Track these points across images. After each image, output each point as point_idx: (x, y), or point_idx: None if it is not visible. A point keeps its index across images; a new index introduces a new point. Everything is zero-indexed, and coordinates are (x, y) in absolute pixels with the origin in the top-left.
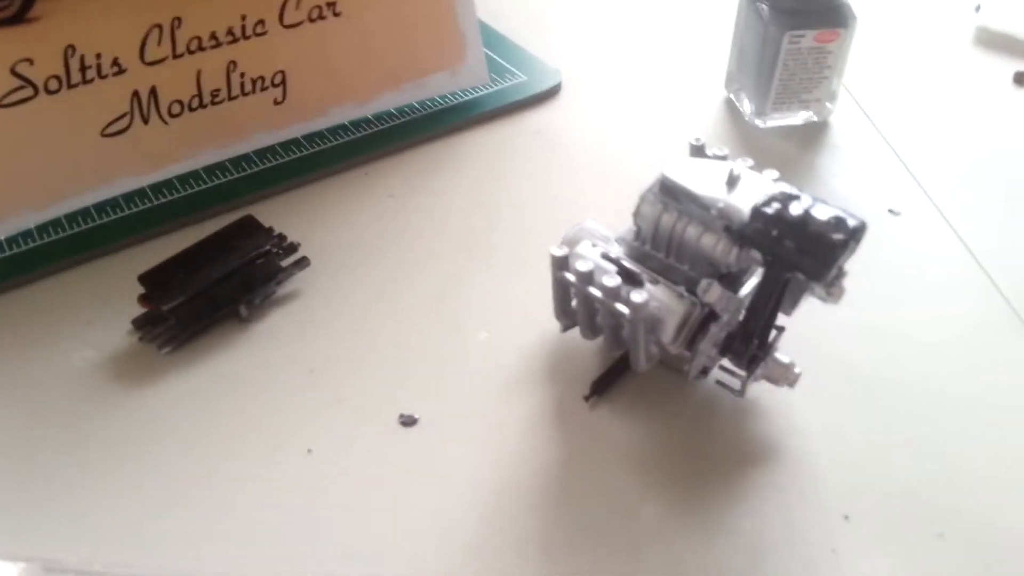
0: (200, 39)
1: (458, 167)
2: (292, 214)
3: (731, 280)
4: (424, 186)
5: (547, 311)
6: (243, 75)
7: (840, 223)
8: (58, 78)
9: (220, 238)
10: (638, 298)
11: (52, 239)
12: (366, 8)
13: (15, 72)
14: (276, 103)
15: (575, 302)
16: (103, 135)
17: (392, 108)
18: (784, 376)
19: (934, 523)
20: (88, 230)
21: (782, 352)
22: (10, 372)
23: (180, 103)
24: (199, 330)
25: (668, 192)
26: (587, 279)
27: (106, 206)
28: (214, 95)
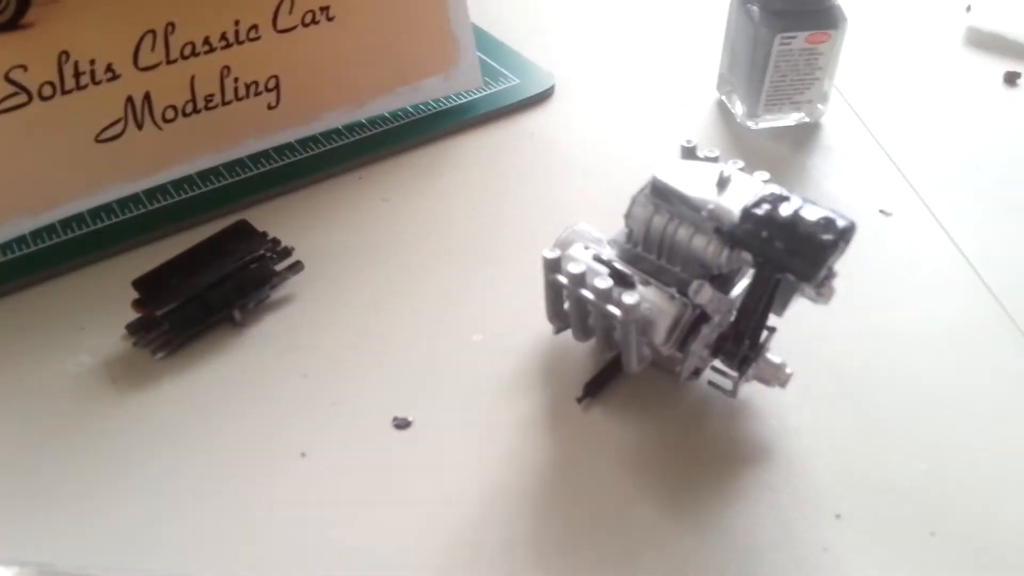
0: (193, 44)
1: (452, 171)
2: (286, 218)
3: (722, 281)
4: (418, 190)
5: (540, 313)
6: (237, 80)
7: (829, 224)
8: (52, 84)
9: (214, 243)
10: (630, 300)
11: (46, 245)
12: (359, 12)
13: (9, 78)
14: (270, 108)
15: (567, 304)
16: (97, 141)
17: (386, 112)
18: (776, 376)
19: (926, 521)
20: (82, 236)
21: (773, 353)
22: (4, 378)
23: (174, 108)
24: (193, 335)
25: (659, 194)
26: (579, 281)
27: (100, 212)
28: (208, 100)
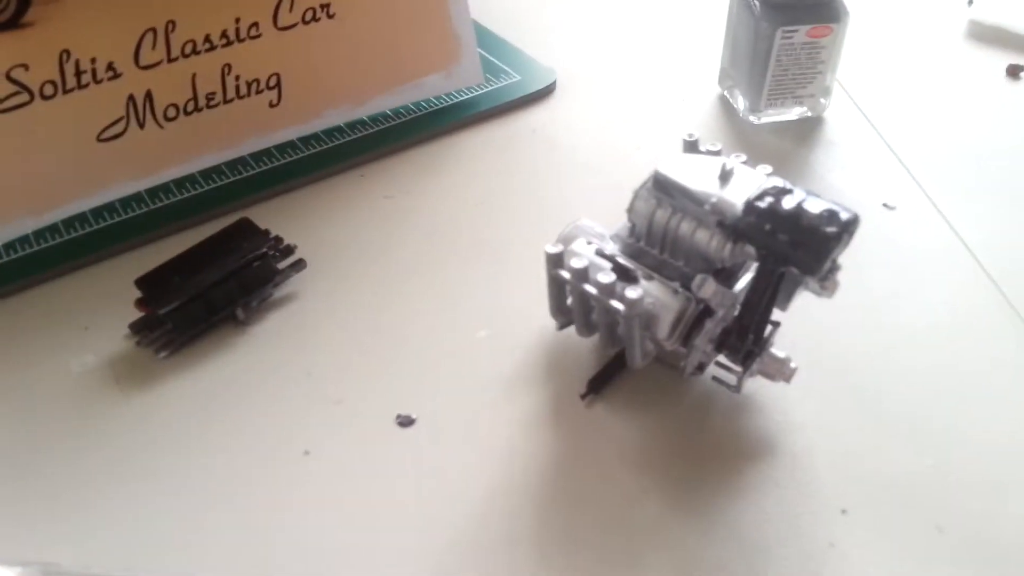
0: (194, 42)
1: (454, 167)
2: (288, 216)
3: (726, 275)
4: (420, 187)
5: (544, 309)
6: (238, 78)
7: (833, 216)
8: (53, 83)
9: (216, 241)
10: (633, 294)
11: (49, 244)
12: (360, 10)
13: (10, 78)
14: (271, 106)
15: (571, 300)
16: (99, 140)
17: (387, 110)
18: (780, 371)
19: (933, 516)
20: (85, 235)
21: (778, 347)
22: (8, 378)
23: (175, 107)
24: (196, 334)
25: (662, 188)
26: (582, 276)
27: (103, 211)
28: (209, 98)
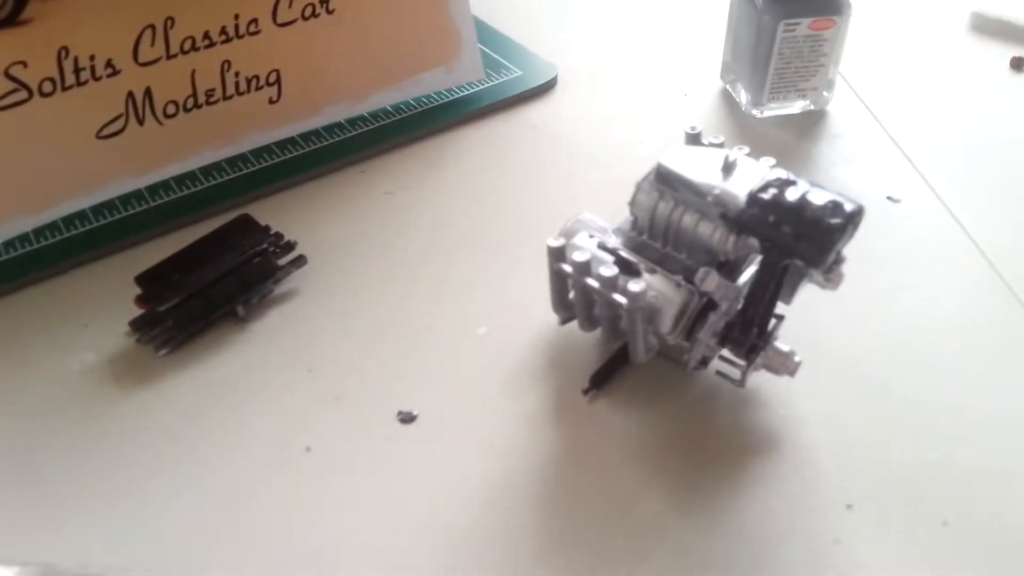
0: (194, 39)
1: (455, 163)
2: (289, 213)
3: (729, 268)
4: (421, 182)
5: (546, 304)
6: (237, 74)
7: (837, 207)
8: (52, 80)
9: (217, 237)
10: (635, 288)
11: (49, 242)
12: (359, 5)
13: (9, 75)
14: (271, 102)
15: (573, 294)
16: (98, 137)
17: (388, 105)
18: (784, 365)
19: (939, 511)
20: (85, 232)
21: (782, 341)
22: (8, 376)
23: (175, 104)
24: (197, 331)
25: (664, 180)
26: (584, 270)
27: (103, 208)
28: (209, 95)
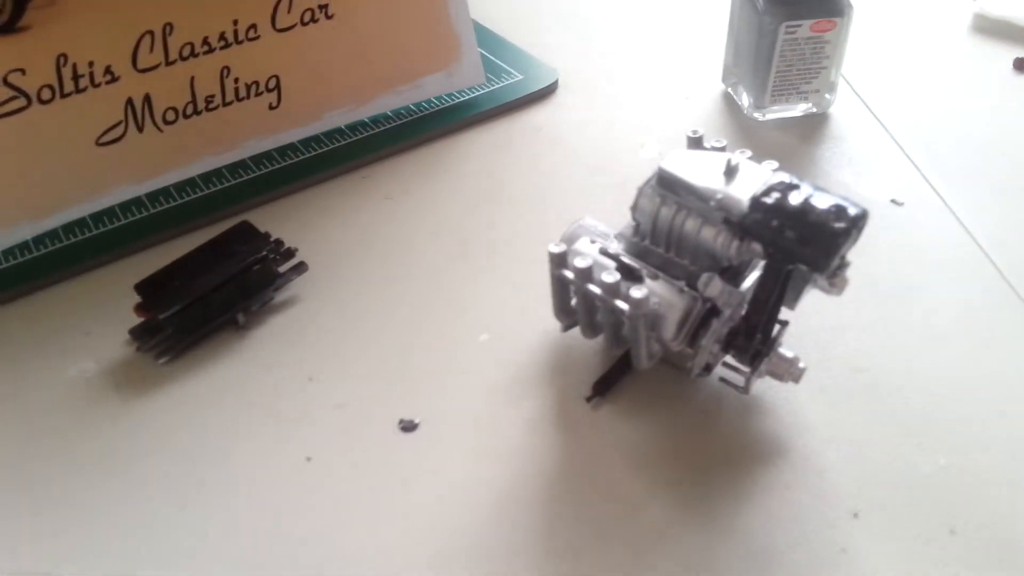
0: (192, 45)
1: (456, 168)
2: (289, 219)
3: (732, 274)
4: (422, 188)
5: (547, 311)
6: (237, 80)
7: (841, 211)
8: (51, 87)
9: (216, 245)
10: (638, 294)
11: (49, 250)
12: (359, 10)
13: (7, 82)
14: (271, 108)
15: (575, 300)
16: (98, 144)
17: (388, 111)
18: (789, 371)
19: (946, 518)
20: (85, 240)
21: (786, 347)
22: (8, 384)
23: (174, 110)
24: (197, 339)
25: (666, 184)
26: (586, 276)
27: (102, 216)
28: (208, 101)
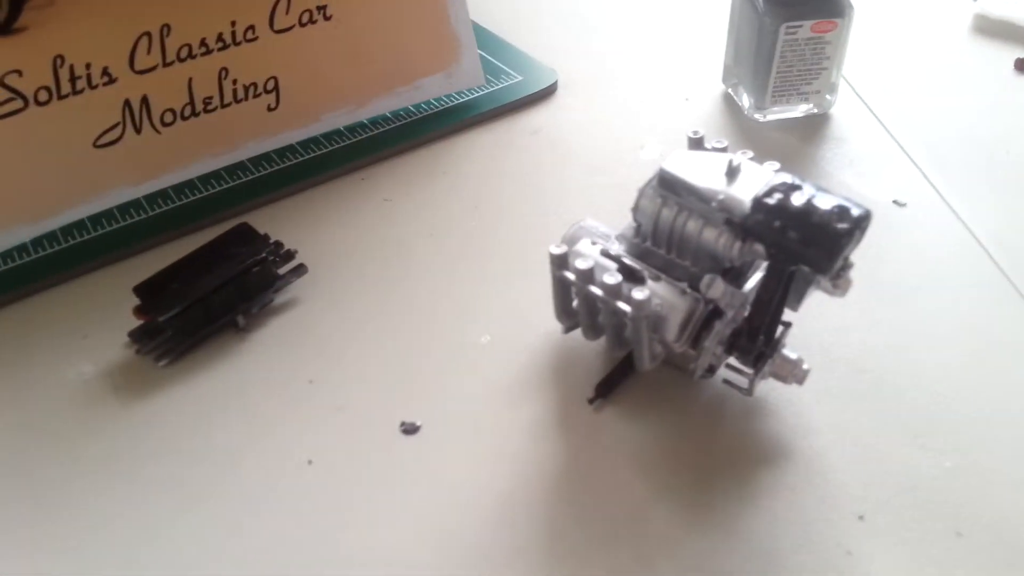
0: (190, 46)
1: (456, 169)
2: (288, 221)
3: (735, 275)
4: (422, 189)
5: (549, 312)
6: (235, 82)
7: (844, 212)
8: (48, 89)
9: (216, 247)
10: (640, 295)
11: (47, 253)
12: (358, 11)
13: (4, 84)
14: (269, 109)
15: (576, 302)
16: (95, 146)
17: (387, 112)
18: (793, 373)
19: (952, 521)
20: (83, 242)
21: (790, 348)
22: (6, 388)
23: (172, 112)
24: (196, 341)
25: (667, 185)
26: (587, 277)
27: (101, 218)
28: (206, 103)
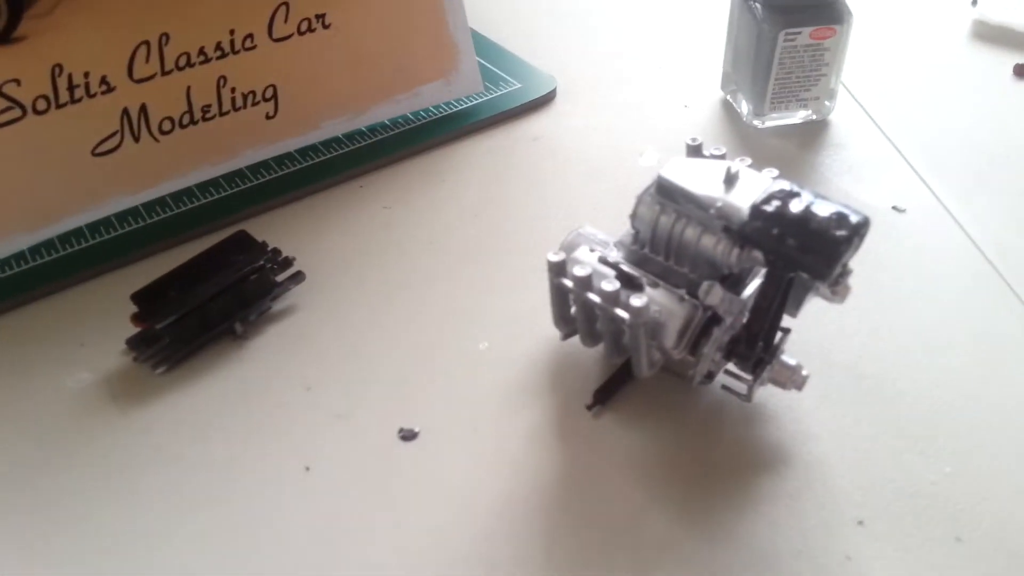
0: (189, 55)
1: (454, 177)
2: (286, 228)
3: (733, 282)
4: (420, 197)
5: (547, 319)
6: (234, 90)
7: (843, 219)
8: (46, 98)
9: (213, 254)
10: (638, 302)
11: (45, 260)
12: (356, 19)
13: (2, 93)
14: (268, 117)
15: (574, 309)
16: (94, 154)
17: (386, 120)
18: (791, 379)
19: (952, 526)
20: (81, 250)
21: (788, 354)
22: (4, 396)
23: (171, 120)
24: (194, 349)
25: (665, 193)
26: (585, 284)
27: (99, 226)
28: (205, 111)
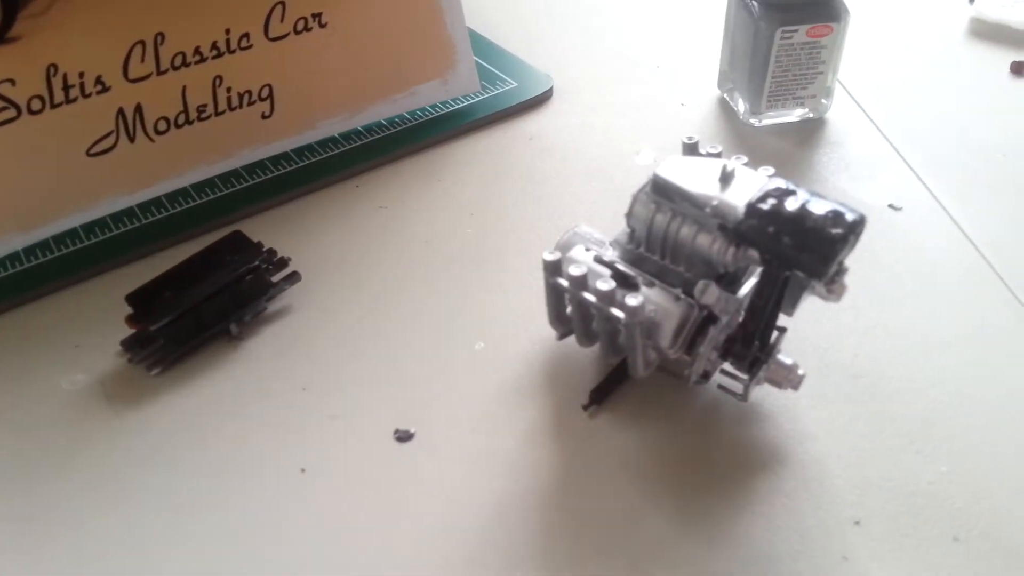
0: (184, 54)
1: (450, 176)
2: (282, 229)
3: (729, 280)
4: (416, 196)
5: (543, 319)
6: (229, 90)
7: (838, 217)
8: (41, 98)
9: (208, 255)
10: (633, 302)
11: (40, 261)
12: (353, 19)
13: None
14: (264, 117)
15: (570, 308)
16: (89, 154)
17: (382, 119)
18: (788, 378)
19: (949, 526)
20: (76, 251)
21: (785, 354)
22: None
23: (166, 120)
24: (189, 350)
25: (661, 191)
26: (581, 284)
27: (94, 226)
28: (200, 111)
